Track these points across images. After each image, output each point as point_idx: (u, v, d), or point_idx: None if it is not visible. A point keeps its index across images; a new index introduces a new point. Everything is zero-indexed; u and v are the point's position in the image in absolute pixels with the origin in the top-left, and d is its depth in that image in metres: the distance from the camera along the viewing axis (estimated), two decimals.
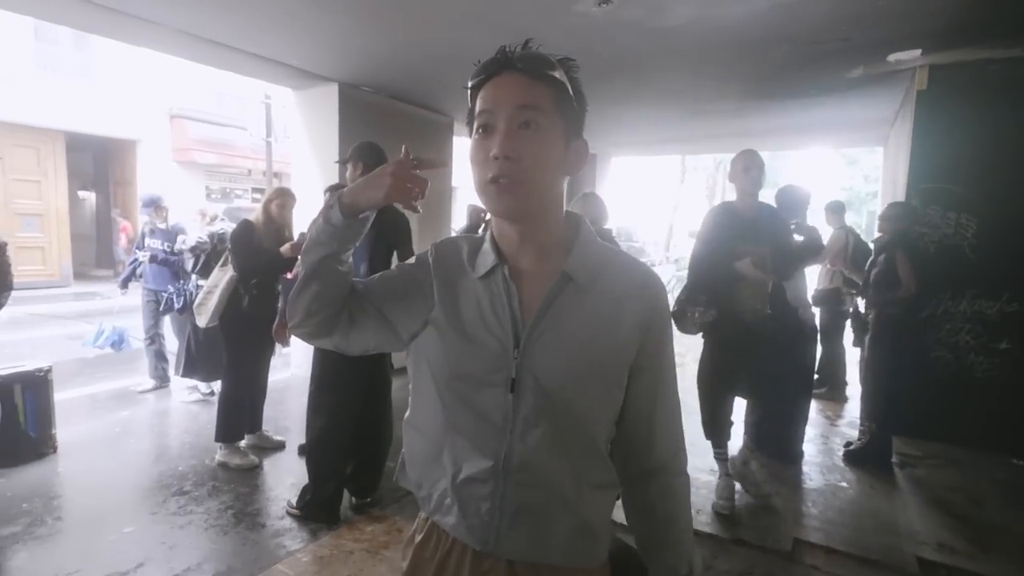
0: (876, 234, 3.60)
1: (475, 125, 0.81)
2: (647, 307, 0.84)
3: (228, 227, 4.37)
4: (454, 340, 0.84)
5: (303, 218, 3.14)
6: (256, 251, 3.14)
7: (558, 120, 0.80)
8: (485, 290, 0.85)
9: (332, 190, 2.52)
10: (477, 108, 0.81)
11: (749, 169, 2.72)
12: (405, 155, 0.83)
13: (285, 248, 3.10)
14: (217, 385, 4.29)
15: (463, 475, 0.83)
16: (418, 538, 0.91)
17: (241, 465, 3.20)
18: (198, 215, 4.64)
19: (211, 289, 3.33)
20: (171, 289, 4.35)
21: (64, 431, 3.47)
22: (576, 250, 0.84)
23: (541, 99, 0.78)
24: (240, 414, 3.32)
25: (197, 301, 3.40)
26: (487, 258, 0.86)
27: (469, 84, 0.83)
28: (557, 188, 0.83)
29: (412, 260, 0.92)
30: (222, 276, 3.31)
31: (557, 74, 0.79)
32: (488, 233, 0.87)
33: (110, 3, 3.16)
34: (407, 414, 0.93)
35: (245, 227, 3.21)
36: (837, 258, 4.42)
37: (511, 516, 0.81)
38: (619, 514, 0.97)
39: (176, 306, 4.31)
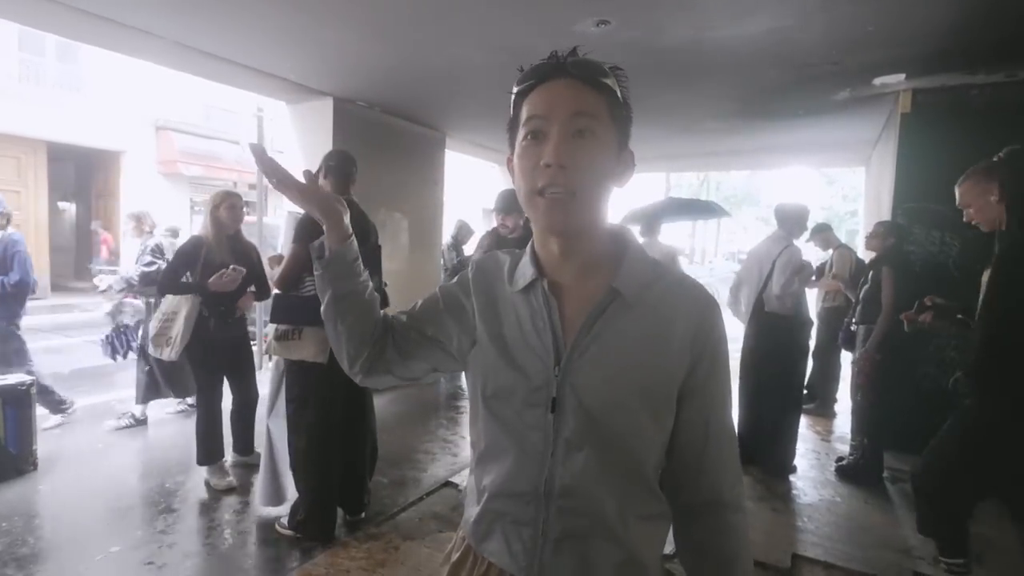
0: (861, 251, 3.66)
1: (523, 132, 0.76)
2: (699, 326, 0.77)
3: (171, 241, 4.14)
4: (495, 356, 0.81)
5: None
6: (205, 266, 3.01)
7: (612, 128, 0.76)
8: (524, 304, 0.81)
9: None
10: (525, 114, 0.76)
11: None
12: (306, 176, 0.85)
13: (212, 280, 2.94)
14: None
15: (503, 498, 0.80)
16: (455, 556, 0.87)
17: (218, 485, 3.07)
18: (131, 220, 4.14)
19: (170, 317, 3.05)
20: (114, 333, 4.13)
21: (44, 447, 3.36)
22: (626, 264, 0.79)
23: (597, 106, 0.74)
24: (217, 436, 3.16)
25: (154, 331, 3.09)
26: (526, 271, 0.82)
27: (515, 90, 0.79)
28: (606, 201, 0.79)
29: (456, 279, 0.91)
30: (181, 302, 3.06)
31: (610, 81, 0.76)
32: (529, 246, 0.84)
33: (106, 13, 3.13)
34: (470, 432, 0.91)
35: (194, 244, 3.07)
36: (841, 277, 4.39)
37: (554, 543, 0.77)
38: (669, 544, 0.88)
39: (133, 351, 4.12)
